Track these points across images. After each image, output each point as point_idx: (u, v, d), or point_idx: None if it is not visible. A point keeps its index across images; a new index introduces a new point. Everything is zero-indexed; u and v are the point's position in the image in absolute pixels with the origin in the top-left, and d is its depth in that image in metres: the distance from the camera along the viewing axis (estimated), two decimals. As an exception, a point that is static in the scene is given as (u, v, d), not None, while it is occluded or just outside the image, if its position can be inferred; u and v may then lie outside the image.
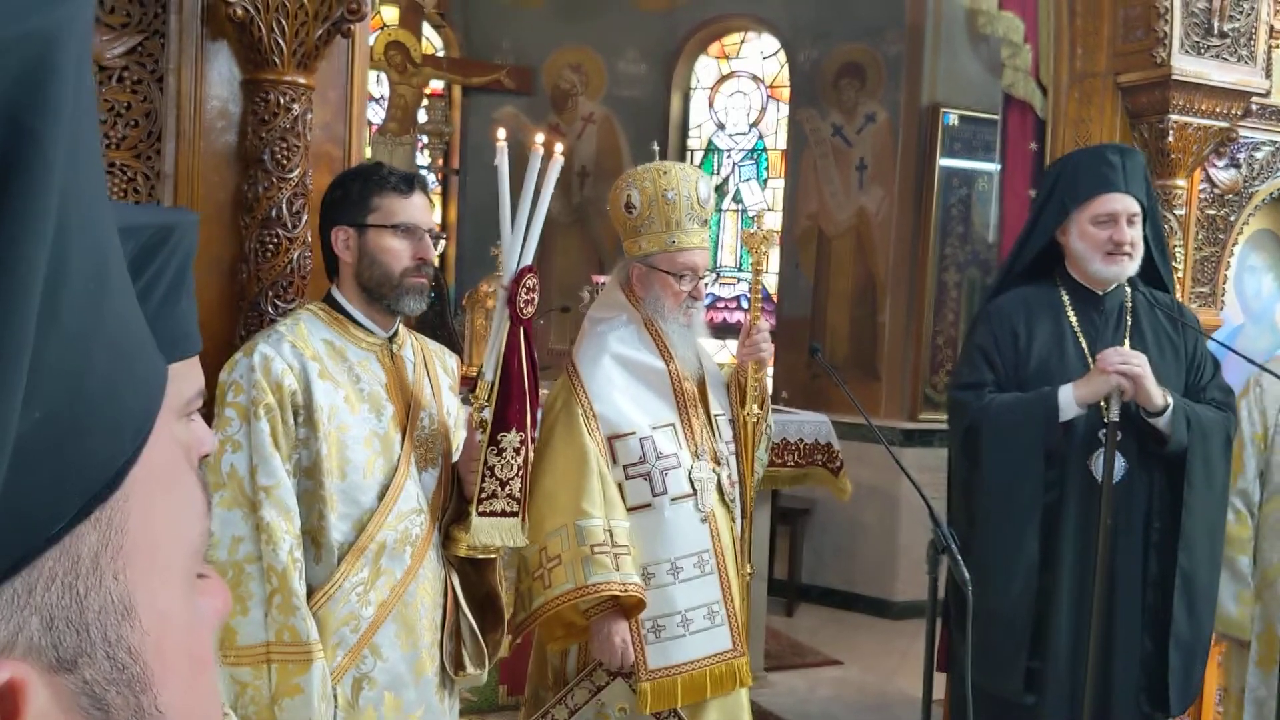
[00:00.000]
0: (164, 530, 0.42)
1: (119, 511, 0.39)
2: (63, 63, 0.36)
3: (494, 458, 2.21)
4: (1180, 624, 2.95)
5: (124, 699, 0.39)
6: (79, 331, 0.37)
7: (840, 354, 6.86)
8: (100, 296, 0.38)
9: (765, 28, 7.69)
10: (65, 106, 0.36)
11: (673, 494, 2.72)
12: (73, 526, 0.37)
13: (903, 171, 6.73)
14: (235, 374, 2.13)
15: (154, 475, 0.41)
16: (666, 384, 2.81)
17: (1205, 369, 3.12)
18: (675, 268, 2.78)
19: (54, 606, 0.37)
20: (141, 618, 0.40)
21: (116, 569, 0.39)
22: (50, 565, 0.36)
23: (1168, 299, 3.17)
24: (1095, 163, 3.06)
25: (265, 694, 2.03)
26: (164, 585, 0.42)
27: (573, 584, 2.56)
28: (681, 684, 2.68)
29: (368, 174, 2.26)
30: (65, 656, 0.37)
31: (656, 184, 2.78)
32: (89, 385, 0.37)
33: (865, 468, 6.26)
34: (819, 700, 5.15)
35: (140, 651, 0.40)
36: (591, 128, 8.04)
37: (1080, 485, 2.96)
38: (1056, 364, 3.03)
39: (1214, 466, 2.99)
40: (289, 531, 2.06)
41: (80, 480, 0.37)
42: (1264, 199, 4.07)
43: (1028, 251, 3.17)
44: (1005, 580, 2.91)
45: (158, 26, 2.61)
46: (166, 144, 2.65)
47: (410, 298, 2.24)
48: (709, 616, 2.73)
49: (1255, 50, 3.81)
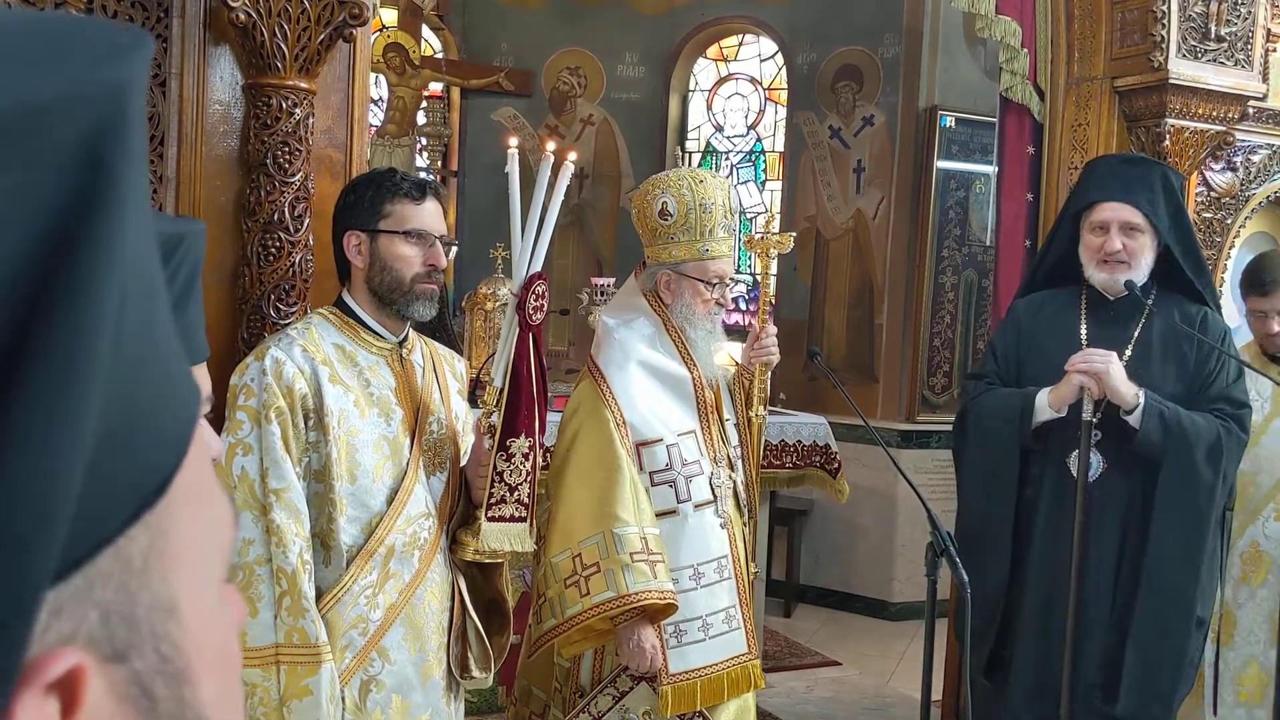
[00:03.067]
0: (200, 536, 0.45)
1: (165, 516, 0.42)
2: (136, 108, 0.39)
3: (503, 463, 2.22)
4: (1142, 625, 2.95)
5: (168, 690, 0.42)
6: (137, 356, 0.40)
7: (838, 356, 6.87)
8: (152, 321, 0.42)
9: (763, 30, 7.70)
10: (139, 150, 0.39)
11: (696, 500, 2.74)
12: (126, 529, 0.40)
13: (900, 174, 6.75)
14: (246, 377, 2.13)
15: (192, 484, 0.44)
16: (689, 391, 2.82)
17: (1215, 378, 3.08)
18: (707, 275, 2.80)
19: (110, 602, 0.39)
20: (183, 616, 0.43)
21: (163, 569, 0.42)
22: (107, 564, 0.39)
23: (1194, 310, 3.13)
24: (1104, 171, 3.12)
25: (274, 695, 2.04)
26: (203, 587, 0.45)
27: (614, 592, 2.55)
28: (701, 687, 2.70)
29: (381, 180, 2.26)
30: (118, 649, 0.40)
31: (695, 193, 2.78)
32: (142, 403, 0.41)
33: (863, 469, 6.28)
34: (817, 700, 5.17)
35: (183, 647, 0.43)
36: (590, 130, 8.05)
37: (1056, 482, 3.05)
38: (1061, 366, 3.06)
39: (1195, 471, 2.94)
40: (299, 534, 2.07)
41: (133, 487, 0.40)
42: (1261, 202, 4.09)
43: (1049, 256, 3.27)
44: (981, 567, 2.96)
45: (160, 30, 2.62)
46: (169, 148, 2.66)
47: (421, 303, 2.24)
48: (727, 620, 2.75)
49: (1252, 54, 3.83)
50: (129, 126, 0.38)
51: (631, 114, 7.99)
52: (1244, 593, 3.47)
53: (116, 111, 0.38)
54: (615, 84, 8.01)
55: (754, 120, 7.99)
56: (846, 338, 6.97)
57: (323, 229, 2.53)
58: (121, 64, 0.38)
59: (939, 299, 6.71)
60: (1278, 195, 4.11)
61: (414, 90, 7.75)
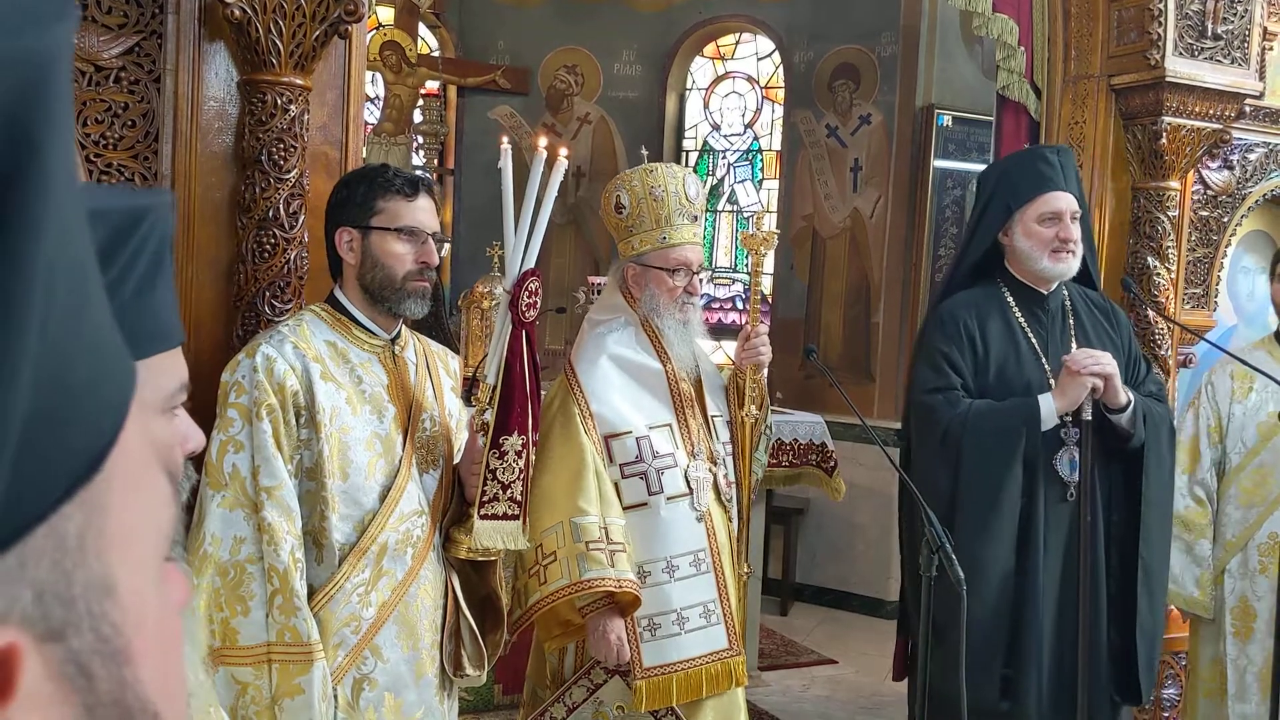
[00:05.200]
0: (138, 515, 0.44)
1: (101, 494, 0.41)
2: (60, 77, 0.38)
3: (496, 461, 2.21)
4: (1144, 614, 3.02)
5: (107, 670, 0.41)
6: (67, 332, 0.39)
7: (834, 355, 6.87)
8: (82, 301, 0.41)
9: (760, 29, 7.70)
10: (64, 122, 0.38)
11: (669, 493, 2.73)
12: (59, 506, 0.40)
13: (897, 173, 6.75)
14: (238, 374, 2.13)
15: (129, 464, 0.43)
16: (663, 384, 2.82)
17: (1140, 365, 3.19)
18: (668, 264, 2.80)
19: (44, 581, 0.39)
20: (121, 595, 0.42)
21: (100, 548, 0.41)
22: (40, 542, 0.39)
23: (1099, 297, 3.25)
24: (1034, 163, 3.11)
25: (266, 694, 2.03)
26: (140, 566, 0.44)
27: (567, 580, 2.57)
28: (677, 682, 2.69)
29: (373, 176, 2.25)
30: (54, 628, 0.39)
31: (644, 183, 2.81)
32: (72, 381, 0.40)
33: (858, 468, 6.28)
34: (813, 699, 5.17)
35: (121, 627, 0.42)
36: (587, 128, 8.05)
37: (1048, 484, 2.99)
38: (1014, 367, 3.06)
39: (1163, 458, 3.07)
40: (290, 532, 2.06)
41: (66, 464, 0.40)
42: (1257, 200, 4.09)
43: (971, 253, 3.20)
44: (983, 589, 2.90)
45: (155, 27, 2.61)
46: (164, 145, 2.65)
47: (412, 301, 2.24)
48: (705, 615, 2.74)
49: (1249, 52, 3.82)
50: (53, 96, 0.37)
51: (628, 112, 7.98)
52: (1263, 585, 3.46)
53: (38, 79, 0.36)
54: (612, 82, 8.00)
55: (751, 119, 7.98)
56: (843, 336, 6.96)
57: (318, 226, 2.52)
58: (43, 31, 0.37)
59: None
60: (1274, 194, 4.11)
61: (410, 88, 7.74)
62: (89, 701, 0.41)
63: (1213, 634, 3.59)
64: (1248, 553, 3.51)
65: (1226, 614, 3.54)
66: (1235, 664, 3.53)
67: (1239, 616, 3.52)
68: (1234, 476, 3.53)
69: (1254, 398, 3.54)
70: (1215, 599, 3.55)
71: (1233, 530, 3.52)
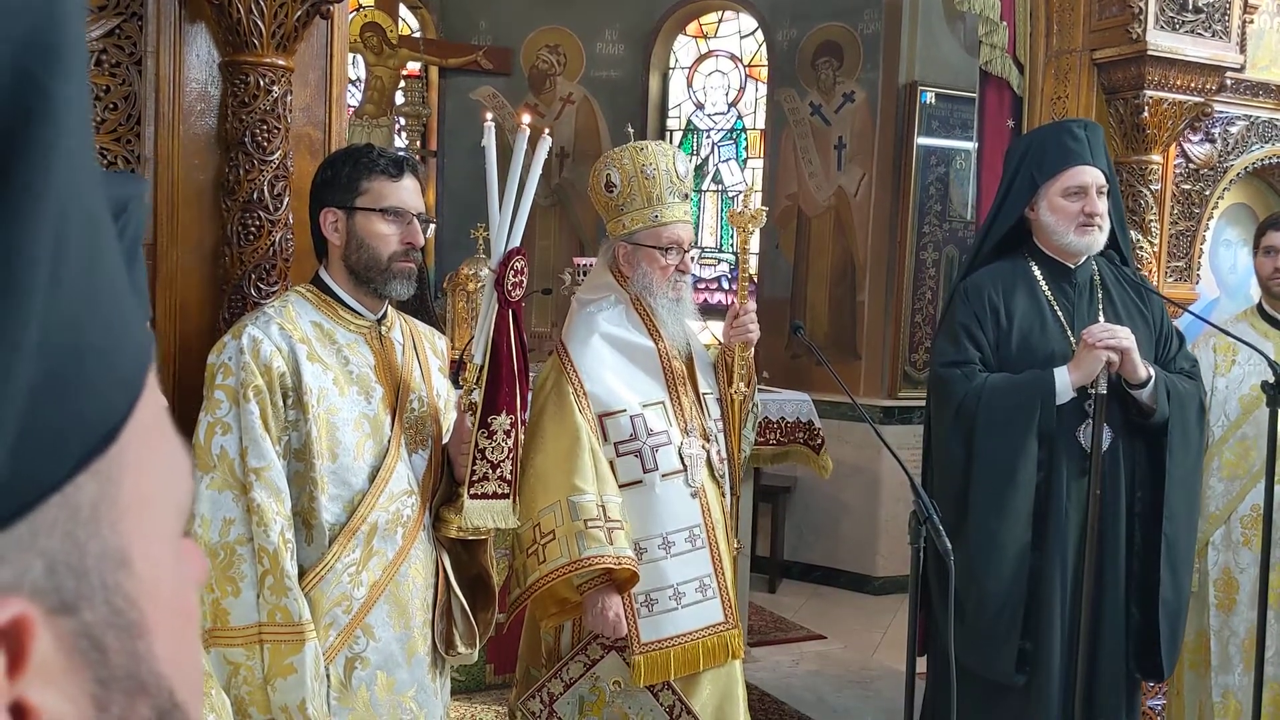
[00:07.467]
0: (155, 487, 0.44)
1: (115, 465, 0.41)
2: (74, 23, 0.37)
3: (484, 440, 2.21)
4: (1167, 590, 3.02)
5: (120, 643, 0.41)
6: (80, 290, 0.38)
7: (820, 333, 6.89)
8: (96, 259, 0.40)
9: (743, 7, 7.67)
10: (77, 69, 0.37)
11: (663, 470, 2.75)
12: (73, 476, 0.39)
13: (881, 151, 6.75)
14: (224, 356, 2.12)
15: (145, 434, 0.43)
16: (656, 362, 2.83)
17: (1173, 340, 3.18)
18: (660, 242, 2.81)
19: (56, 551, 0.38)
20: (136, 567, 0.42)
21: (113, 519, 0.41)
22: (53, 513, 0.38)
23: (1131, 273, 3.24)
24: (1061, 136, 3.10)
25: (258, 674, 2.04)
26: (156, 539, 0.43)
27: (567, 558, 2.58)
28: (674, 656, 2.71)
29: (357, 156, 2.24)
30: (66, 600, 0.39)
31: (635, 161, 2.81)
32: (87, 345, 0.39)
33: (845, 446, 6.31)
34: (802, 674, 5.20)
35: (135, 599, 0.41)
36: (570, 108, 8.02)
37: (1070, 458, 2.99)
38: (1038, 338, 3.06)
39: (1190, 434, 3.05)
40: (280, 513, 2.06)
41: (80, 434, 0.39)
42: (1239, 173, 4.11)
43: (998, 228, 3.20)
44: (999, 563, 2.93)
45: (135, 9, 2.59)
46: (146, 127, 2.63)
47: (398, 282, 2.23)
48: (700, 590, 2.76)
49: (1230, 25, 3.83)
50: (64, 42, 0.36)
51: (612, 92, 7.96)
52: (1246, 557, 3.49)
53: (48, 25, 0.36)
54: (595, 62, 7.97)
55: (735, 98, 7.97)
56: (829, 315, 6.98)
57: (302, 208, 2.51)
58: None
59: (920, 275, 6.73)
60: (1256, 166, 4.13)
61: (392, 70, 7.70)
62: (102, 675, 0.40)
63: (1197, 606, 3.61)
64: (1230, 525, 3.53)
65: (1210, 586, 3.57)
66: (1219, 635, 3.56)
67: (1222, 589, 3.56)
68: (1217, 449, 3.55)
69: (1237, 371, 3.56)
70: (1199, 571, 3.56)
71: (1216, 503, 3.54)
